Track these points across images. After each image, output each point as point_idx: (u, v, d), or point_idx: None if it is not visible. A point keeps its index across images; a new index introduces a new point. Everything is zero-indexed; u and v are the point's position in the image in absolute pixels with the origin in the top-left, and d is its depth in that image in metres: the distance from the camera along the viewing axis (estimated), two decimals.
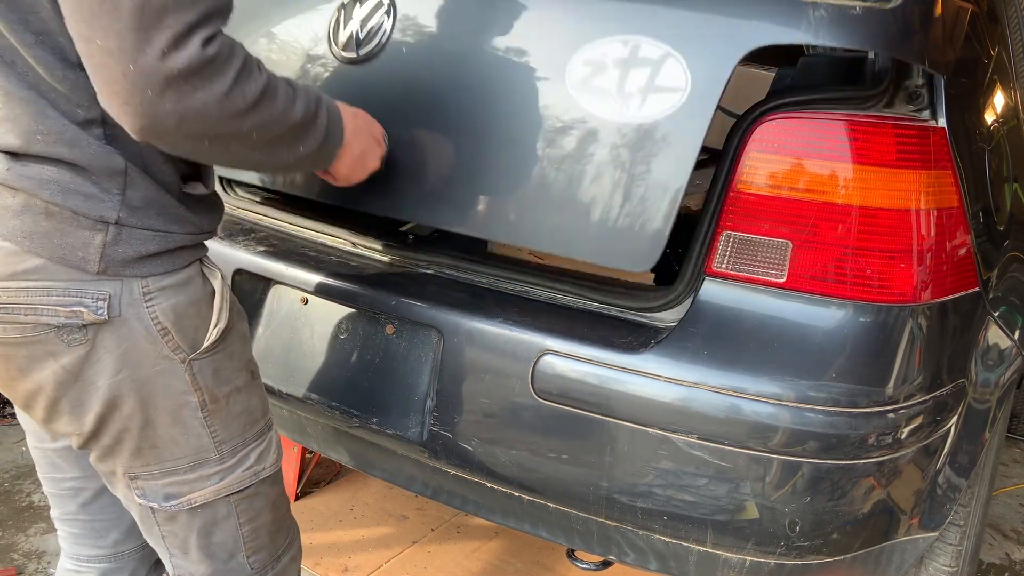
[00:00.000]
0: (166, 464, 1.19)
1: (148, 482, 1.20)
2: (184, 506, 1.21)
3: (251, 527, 1.28)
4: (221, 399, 1.20)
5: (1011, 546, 2.63)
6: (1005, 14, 1.84)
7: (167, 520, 1.23)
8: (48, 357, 1.09)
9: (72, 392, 1.11)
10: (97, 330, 1.08)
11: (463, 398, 1.47)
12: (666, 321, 1.39)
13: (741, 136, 1.31)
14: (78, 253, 1.05)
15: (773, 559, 1.36)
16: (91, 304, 1.06)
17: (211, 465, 1.21)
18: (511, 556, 2.31)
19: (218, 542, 1.26)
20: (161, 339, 1.12)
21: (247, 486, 1.25)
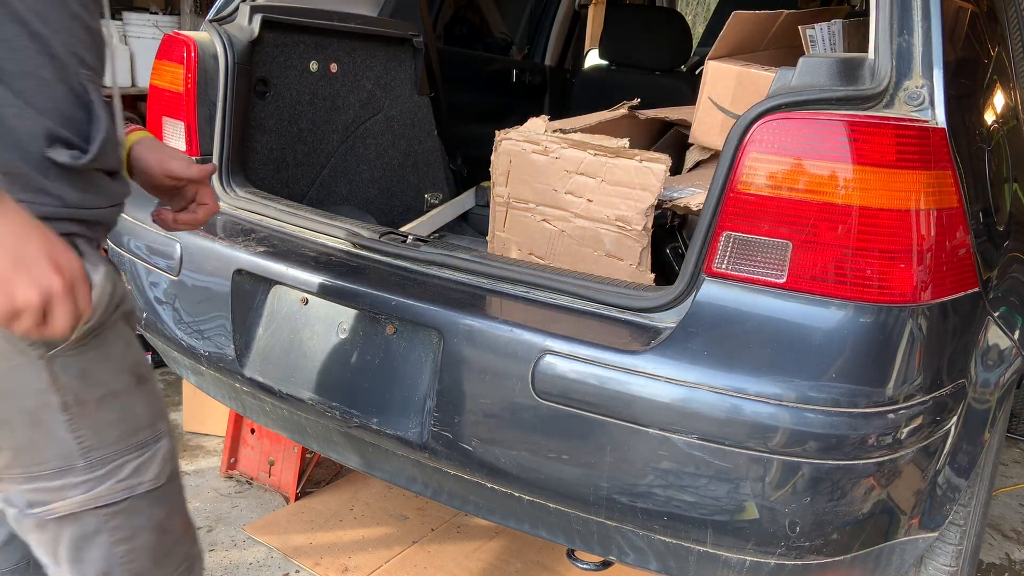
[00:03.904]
0: (30, 469, 1.09)
1: (11, 486, 1.11)
2: (47, 515, 1.11)
3: (127, 547, 1.17)
4: (90, 403, 1.09)
5: (1011, 546, 2.63)
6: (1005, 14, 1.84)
7: (35, 528, 1.14)
8: None
9: None
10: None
11: (463, 398, 1.47)
12: (666, 321, 1.39)
13: (741, 136, 1.31)
14: None
15: (773, 559, 1.36)
16: None
17: (77, 474, 1.10)
18: (511, 556, 2.32)
19: (89, 559, 1.16)
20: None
21: (118, 500, 1.14)
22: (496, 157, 1.79)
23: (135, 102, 4.51)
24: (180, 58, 1.97)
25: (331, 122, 2.32)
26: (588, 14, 4.11)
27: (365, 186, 2.44)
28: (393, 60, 2.47)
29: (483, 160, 1.92)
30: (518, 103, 3.53)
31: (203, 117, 1.98)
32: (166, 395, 3.27)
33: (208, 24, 2.03)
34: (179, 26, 4.01)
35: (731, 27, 1.88)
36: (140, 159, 1.30)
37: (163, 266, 1.89)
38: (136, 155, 1.30)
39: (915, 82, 1.33)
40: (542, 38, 3.94)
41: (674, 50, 3.42)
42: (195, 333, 1.84)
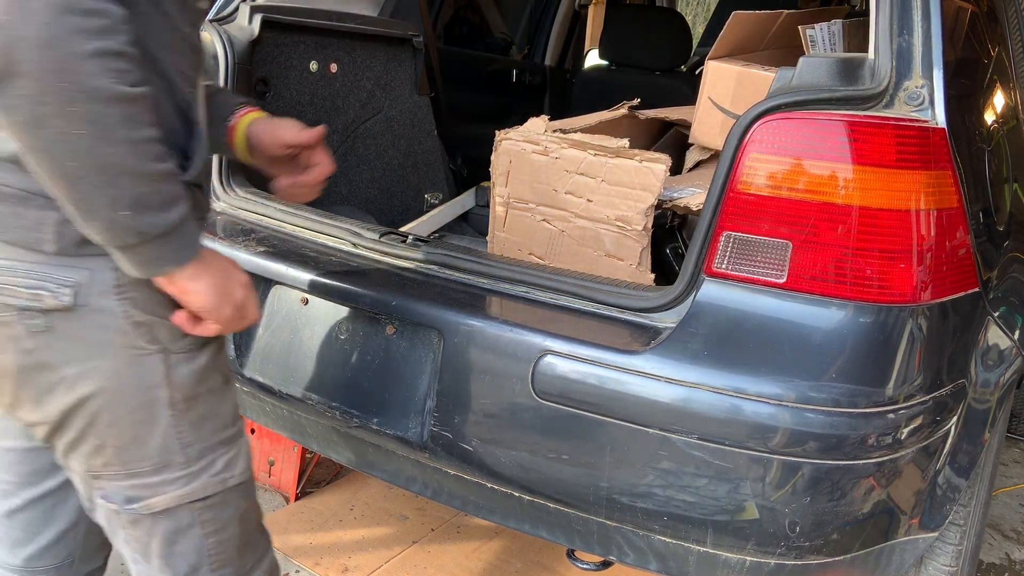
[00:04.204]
0: (129, 465, 1.13)
1: (110, 483, 1.14)
2: (145, 511, 1.15)
3: (216, 539, 1.22)
4: (193, 399, 1.14)
5: (1011, 546, 2.63)
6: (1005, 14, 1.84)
7: (130, 524, 1.18)
8: (8, 341, 1.05)
9: (37, 378, 1.07)
10: (60, 317, 1.03)
11: (463, 399, 1.47)
12: (666, 321, 1.39)
13: (741, 136, 1.31)
14: (33, 234, 1.01)
15: (773, 559, 1.36)
16: (53, 289, 1.02)
17: (175, 469, 1.15)
18: (511, 556, 2.31)
19: (181, 552, 1.20)
20: (134, 331, 1.07)
21: (212, 494, 1.19)
22: (496, 157, 1.79)
23: None
24: None
25: (331, 122, 2.32)
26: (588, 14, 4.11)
27: (365, 186, 2.44)
28: (393, 60, 2.47)
29: (483, 160, 1.92)
30: (518, 103, 3.52)
31: None
32: None
33: (208, 24, 2.03)
34: None
35: (731, 27, 1.88)
36: (256, 136, 1.37)
37: None
38: (252, 134, 1.37)
39: (915, 82, 1.33)
40: (542, 38, 3.94)
41: (674, 50, 3.42)
42: None
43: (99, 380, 1.07)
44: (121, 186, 0.94)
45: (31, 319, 1.03)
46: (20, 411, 1.12)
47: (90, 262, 1.03)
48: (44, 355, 1.06)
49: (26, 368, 1.07)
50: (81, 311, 1.04)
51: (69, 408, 1.09)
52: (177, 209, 1.00)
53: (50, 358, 1.06)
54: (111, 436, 1.11)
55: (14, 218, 1.01)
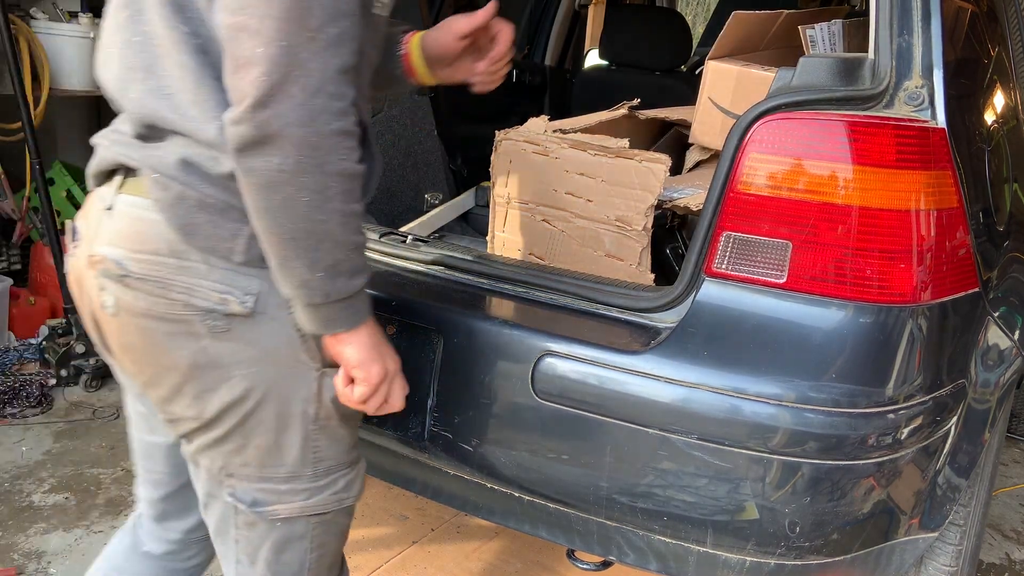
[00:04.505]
0: (264, 469, 1.20)
1: (242, 483, 1.21)
2: (268, 515, 1.22)
3: (319, 554, 1.28)
4: (332, 419, 1.20)
5: (1011, 546, 2.63)
6: (1005, 14, 1.84)
7: (246, 525, 1.24)
8: (188, 338, 1.11)
9: (204, 377, 1.13)
10: (241, 322, 1.11)
11: (463, 399, 1.47)
12: (666, 322, 1.39)
13: (741, 137, 1.31)
14: (226, 244, 1.08)
15: (773, 559, 1.36)
16: (239, 296, 1.10)
17: (304, 481, 1.21)
18: (511, 556, 2.32)
19: (286, 562, 1.26)
20: (301, 344, 1.14)
21: (328, 511, 1.25)
22: (496, 157, 1.79)
23: None
24: None
25: None
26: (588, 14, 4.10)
27: None
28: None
29: (483, 160, 1.92)
30: (518, 103, 3.52)
31: None
32: None
33: None
34: None
35: (731, 27, 1.87)
36: (430, 48, 1.43)
37: None
38: (426, 47, 1.43)
39: (915, 82, 1.33)
40: (542, 38, 3.94)
41: (674, 50, 3.42)
42: None
43: (260, 384, 1.14)
44: (323, 250, 1.04)
45: (214, 320, 1.10)
46: (174, 405, 1.17)
47: (271, 275, 1.09)
48: (218, 354, 1.12)
49: (198, 365, 1.12)
50: (259, 318, 1.11)
51: (226, 406, 1.14)
52: (361, 278, 1.10)
53: (222, 358, 1.12)
54: (256, 438, 1.17)
55: (211, 227, 1.08)
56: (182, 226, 1.08)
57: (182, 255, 1.09)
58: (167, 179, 1.08)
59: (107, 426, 3.00)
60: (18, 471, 2.68)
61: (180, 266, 1.09)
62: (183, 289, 1.09)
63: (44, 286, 3.67)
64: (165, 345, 1.12)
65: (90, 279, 1.16)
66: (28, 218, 3.64)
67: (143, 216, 1.11)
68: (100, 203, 1.18)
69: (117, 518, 2.47)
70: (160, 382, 1.16)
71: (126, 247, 1.11)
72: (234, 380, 1.13)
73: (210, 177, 1.07)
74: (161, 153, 1.09)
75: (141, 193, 1.12)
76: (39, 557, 2.28)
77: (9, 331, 3.50)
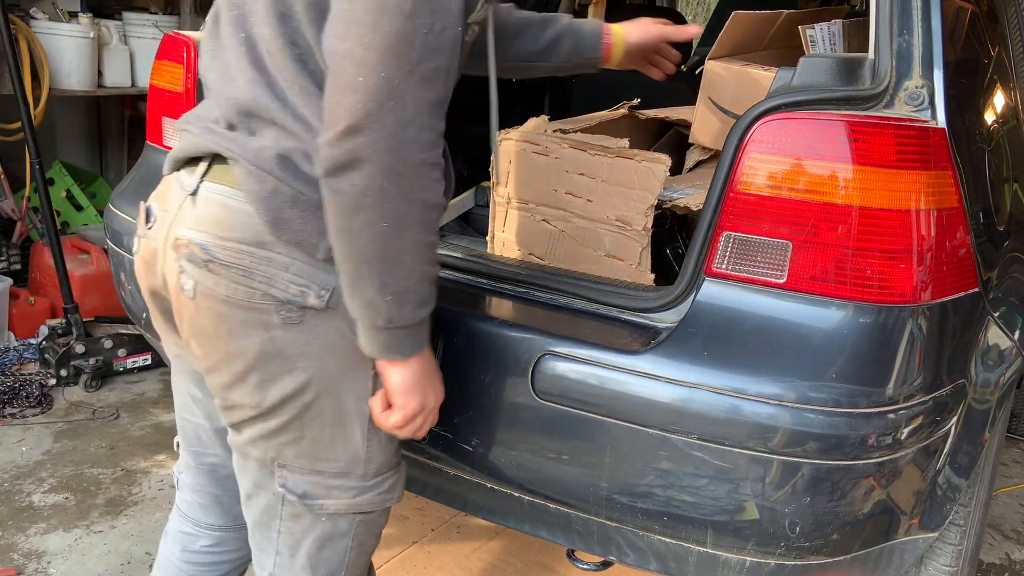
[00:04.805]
0: (318, 462, 1.22)
1: (294, 474, 1.23)
2: (316, 509, 1.24)
3: (357, 553, 1.31)
4: None
5: (1011, 546, 2.63)
6: (1005, 14, 1.84)
7: (292, 517, 1.26)
8: (260, 327, 1.14)
9: (269, 366, 1.16)
10: (313, 315, 1.14)
11: (463, 398, 1.47)
12: (666, 322, 1.39)
13: (741, 137, 1.31)
14: (312, 240, 1.12)
15: (773, 559, 1.36)
16: (316, 290, 1.13)
17: (353, 479, 1.24)
18: (511, 556, 2.32)
19: (326, 558, 1.28)
20: None
21: (372, 511, 1.28)
22: (496, 157, 1.79)
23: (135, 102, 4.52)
24: (180, 58, 1.97)
25: None
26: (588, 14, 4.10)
27: None
28: None
29: (483, 160, 1.91)
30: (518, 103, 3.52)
31: None
32: (166, 395, 3.27)
33: None
34: (179, 26, 4.01)
35: (731, 27, 1.87)
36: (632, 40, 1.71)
37: None
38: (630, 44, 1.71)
39: (915, 82, 1.33)
40: None
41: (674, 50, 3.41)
42: None
43: (320, 377, 1.17)
44: (395, 276, 1.08)
45: (290, 312, 1.14)
46: (234, 392, 1.20)
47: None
48: (285, 345, 1.15)
49: (266, 354, 1.16)
50: (330, 313, 1.15)
51: (287, 396, 1.17)
52: (427, 309, 1.14)
53: (289, 349, 1.15)
54: (312, 430, 1.20)
55: (301, 223, 1.12)
56: (273, 219, 1.12)
57: (268, 246, 1.13)
58: (264, 172, 1.12)
59: (107, 426, 3.00)
60: (18, 471, 2.68)
61: (264, 256, 1.13)
62: (264, 279, 1.13)
63: (44, 286, 3.67)
64: (237, 332, 1.15)
65: (169, 261, 1.20)
66: (28, 218, 3.64)
67: (232, 205, 1.15)
68: (180, 188, 1.22)
69: (117, 518, 2.47)
70: (225, 368, 1.19)
71: (213, 233, 1.15)
72: (297, 371, 1.16)
73: (305, 176, 1.12)
74: (260, 146, 1.13)
75: (230, 182, 1.16)
76: (39, 557, 2.28)
77: (9, 331, 3.50)
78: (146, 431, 2.99)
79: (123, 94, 4.14)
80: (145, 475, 2.70)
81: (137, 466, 2.76)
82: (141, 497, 2.58)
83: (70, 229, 4.03)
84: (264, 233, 1.13)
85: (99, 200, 4.20)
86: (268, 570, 1.33)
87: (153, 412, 3.14)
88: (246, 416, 1.21)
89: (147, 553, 2.32)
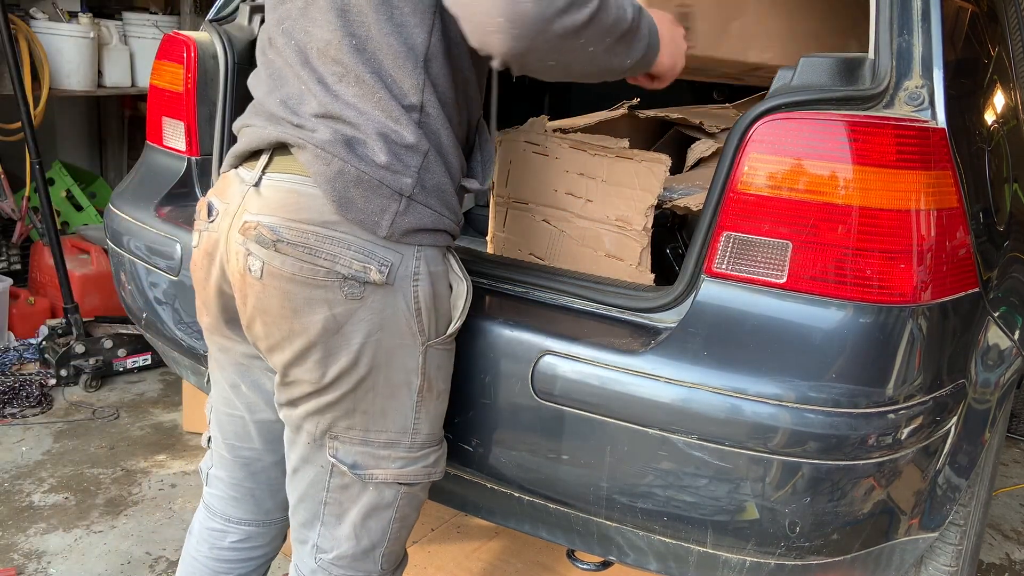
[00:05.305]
0: (369, 433, 1.29)
1: (345, 445, 1.29)
2: (365, 478, 1.30)
3: (399, 525, 1.37)
4: (434, 393, 1.32)
5: (1011, 546, 2.63)
6: (1005, 14, 1.84)
7: (339, 488, 1.32)
8: (323, 304, 1.21)
9: (329, 342, 1.23)
10: (372, 290, 1.21)
11: (463, 399, 1.47)
12: (666, 322, 1.39)
13: (741, 137, 1.31)
14: (374, 218, 1.20)
15: (773, 559, 1.36)
16: (378, 265, 1.21)
17: (401, 449, 1.31)
18: (511, 556, 2.32)
19: (370, 528, 1.34)
20: (414, 317, 1.25)
21: (418, 483, 1.35)
22: (496, 157, 1.79)
23: (135, 102, 4.52)
24: (180, 58, 1.97)
25: None
26: None
27: None
28: None
29: None
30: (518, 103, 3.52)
31: (203, 117, 1.98)
32: (166, 395, 3.28)
33: (208, 24, 2.03)
34: (179, 26, 4.01)
35: None
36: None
37: (163, 266, 1.89)
38: None
39: (915, 82, 1.33)
40: None
41: None
42: (195, 333, 1.84)
43: (376, 352, 1.24)
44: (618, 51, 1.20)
45: (352, 288, 1.21)
46: (296, 368, 1.26)
47: (404, 249, 1.23)
48: (346, 319, 1.22)
49: (328, 330, 1.22)
50: (388, 289, 1.22)
51: (344, 370, 1.24)
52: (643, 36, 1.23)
53: (349, 325, 1.22)
54: (364, 403, 1.27)
55: (364, 202, 1.20)
56: (339, 199, 1.20)
57: (332, 226, 1.20)
58: (330, 155, 1.20)
59: (107, 426, 3.01)
60: (18, 471, 2.68)
61: (328, 235, 1.20)
62: (329, 256, 1.20)
63: (44, 286, 3.67)
64: (302, 310, 1.22)
65: (234, 245, 1.27)
66: (28, 218, 3.64)
67: (298, 189, 1.23)
68: (240, 182, 1.30)
69: (117, 518, 2.47)
70: (287, 346, 1.25)
71: (281, 215, 1.22)
72: (353, 345, 1.23)
73: (367, 158, 1.20)
74: (322, 133, 1.21)
75: (294, 170, 1.24)
76: (39, 557, 2.28)
77: (9, 331, 3.50)
78: (146, 431, 2.99)
79: (123, 94, 4.15)
80: (145, 475, 2.70)
81: (137, 466, 2.76)
82: (141, 497, 2.58)
83: (70, 229, 4.03)
84: (329, 213, 1.20)
85: (99, 200, 4.20)
86: (312, 542, 1.37)
87: (153, 412, 3.14)
88: (305, 392, 1.27)
89: (147, 553, 2.32)
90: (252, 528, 1.56)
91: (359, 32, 1.20)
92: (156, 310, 1.94)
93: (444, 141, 1.25)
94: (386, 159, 1.20)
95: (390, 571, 1.42)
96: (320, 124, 1.22)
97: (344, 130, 1.20)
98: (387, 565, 1.40)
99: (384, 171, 1.20)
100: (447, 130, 1.26)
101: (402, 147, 1.21)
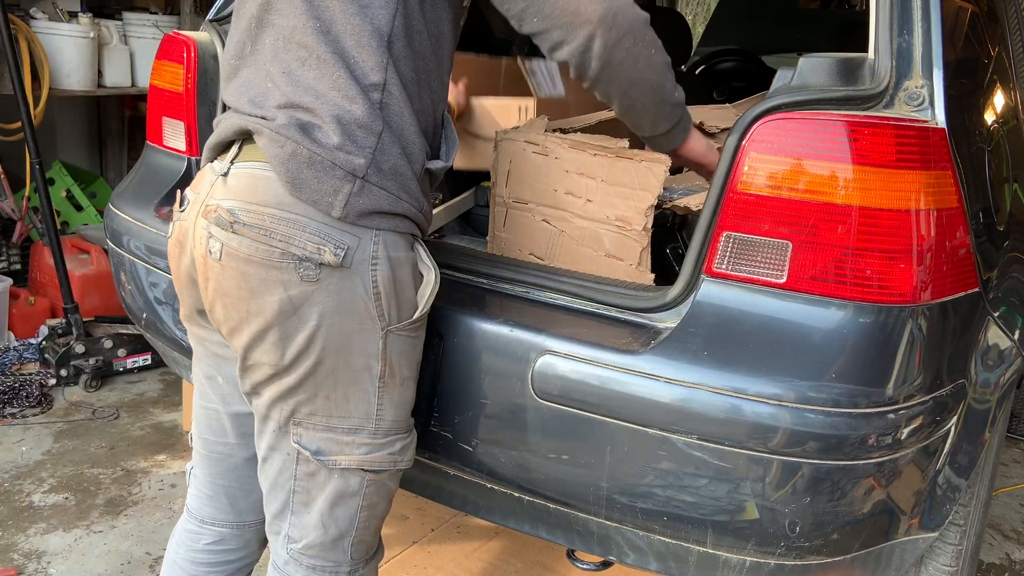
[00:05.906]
0: (332, 419, 1.30)
1: (309, 431, 1.31)
2: (329, 464, 1.31)
3: (368, 514, 1.37)
4: (397, 379, 1.32)
5: (1011, 546, 2.63)
6: (1005, 14, 1.84)
7: (306, 475, 1.33)
8: (279, 285, 1.22)
9: (286, 323, 1.24)
10: (329, 272, 1.22)
11: (463, 399, 1.47)
12: (666, 322, 1.39)
13: (741, 137, 1.31)
14: (328, 199, 1.21)
15: (773, 559, 1.36)
16: (332, 248, 1.21)
17: (364, 435, 1.31)
18: (511, 556, 2.32)
19: (337, 516, 1.35)
20: (373, 301, 1.25)
21: (383, 470, 1.35)
22: (496, 157, 1.79)
23: (135, 102, 4.52)
24: (180, 58, 1.97)
25: None
26: None
27: None
28: None
29: None
30: None
31: (203, 117, 1.98)
32: (166, 395, 3.28)
33: (208, 24, 2.03)
34: (179, 26, 4.01)
35: None
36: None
37: (163, 266, 1.89)
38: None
39: (915, 82, 1.33)
40: None
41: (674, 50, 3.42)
42: None
43: (333, 335, 1.25)
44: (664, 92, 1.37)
45: (308, 269, 1.22)
46: (255, 351, 1.27)
47: (360, 232, 1.23)
48: (302, 301, 1.23)
49: (283, 312, 1.23)
50: (344, 272, 1.23)
51: (301, 351, 1.25)
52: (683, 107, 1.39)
53: (306, 307, 1.23)
54: (325, 387, 1.28)
55: (317, 182, 1.21)
56: (292, 179, 1.21)
57: (287, 207, 1.22)
58: (283, 137, 1.22)
59: (107, 426, 3.01)
60: (18, 471, 2.68)
61: (283, 216, 1.22)
62: (283, 237, 1.21)
63: (44, 286, 3.67)
64: (258, 290, 1.23)
65: (198, 230, 1.29)
66: (28, 218, 3.64)
67: (257, 174, 1.25)
68: (212, 173, 1.32)
69: (117, 518, 2.47)
70: (245, 327, 1.26)
71: (239, 199, 1.25)
72: (311, 327, 1.23)
73: (319, 140, 1.22)
74: (279, 118, 1.24)
75: (257, 158, 1.26)
76: (39, 557, 2.28)
77: (9, 331, 3.50)
78: (146, 431, 2.99)
79: (123, 94, 4.15)
80: (145, 475, 2.70)
81: (137, 466, 2.76)
82: (141, 497, 2.58)
83: (70, 229, 4.03)
84: (284, 194, 1.22)
85: (99, 200, 4.20)
86: (284, 532, 1.38)
87: (153, 412, 3.14)
88: (265, 375, 1.28)
89: (147, 553, 2.32)
90: (226, 530, 1.56)
91: (324, 15, 1.23)
92: (156, 310, 1.94)
93: (406, 124, 1.26)
94: (339, 140, 1.21)
95: (361, 561, 1.43)
96: (280, 112, 1.24)
97: (300, 116, 1.23)
98: (357, 555, 1.40)
99: (337, 151, 1.21)
100: (409, 112, 1.27)
101: (356, 127, 1.22)
